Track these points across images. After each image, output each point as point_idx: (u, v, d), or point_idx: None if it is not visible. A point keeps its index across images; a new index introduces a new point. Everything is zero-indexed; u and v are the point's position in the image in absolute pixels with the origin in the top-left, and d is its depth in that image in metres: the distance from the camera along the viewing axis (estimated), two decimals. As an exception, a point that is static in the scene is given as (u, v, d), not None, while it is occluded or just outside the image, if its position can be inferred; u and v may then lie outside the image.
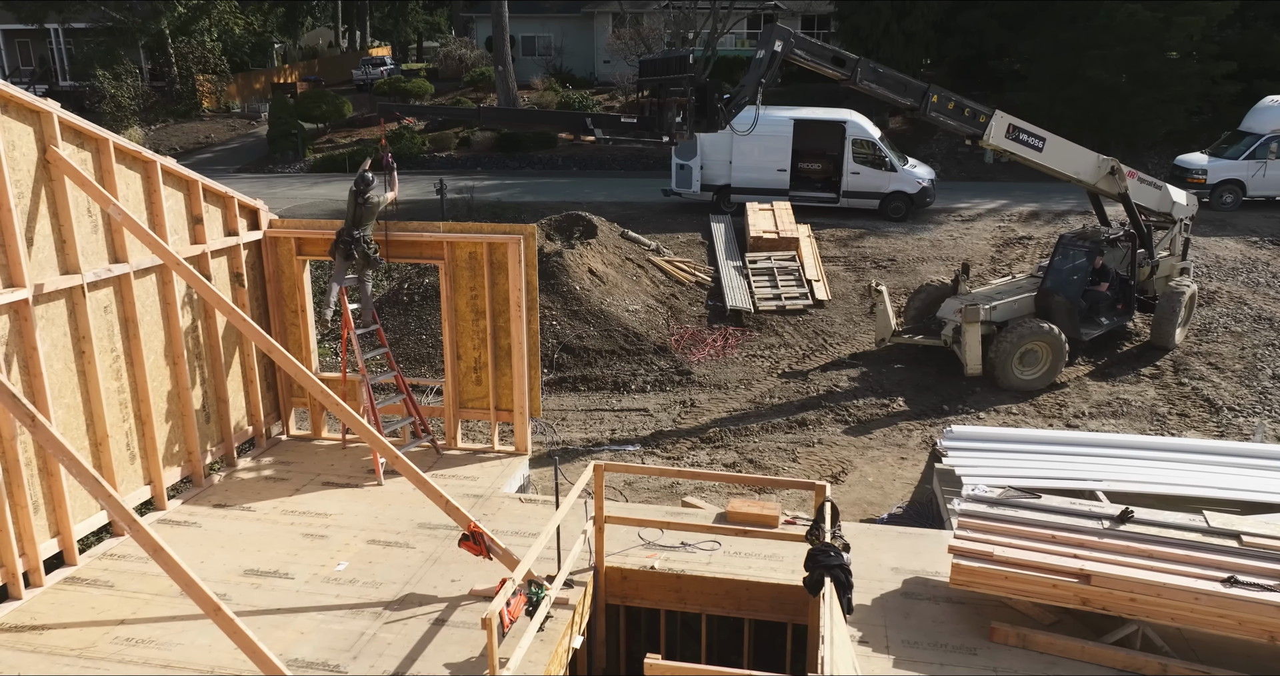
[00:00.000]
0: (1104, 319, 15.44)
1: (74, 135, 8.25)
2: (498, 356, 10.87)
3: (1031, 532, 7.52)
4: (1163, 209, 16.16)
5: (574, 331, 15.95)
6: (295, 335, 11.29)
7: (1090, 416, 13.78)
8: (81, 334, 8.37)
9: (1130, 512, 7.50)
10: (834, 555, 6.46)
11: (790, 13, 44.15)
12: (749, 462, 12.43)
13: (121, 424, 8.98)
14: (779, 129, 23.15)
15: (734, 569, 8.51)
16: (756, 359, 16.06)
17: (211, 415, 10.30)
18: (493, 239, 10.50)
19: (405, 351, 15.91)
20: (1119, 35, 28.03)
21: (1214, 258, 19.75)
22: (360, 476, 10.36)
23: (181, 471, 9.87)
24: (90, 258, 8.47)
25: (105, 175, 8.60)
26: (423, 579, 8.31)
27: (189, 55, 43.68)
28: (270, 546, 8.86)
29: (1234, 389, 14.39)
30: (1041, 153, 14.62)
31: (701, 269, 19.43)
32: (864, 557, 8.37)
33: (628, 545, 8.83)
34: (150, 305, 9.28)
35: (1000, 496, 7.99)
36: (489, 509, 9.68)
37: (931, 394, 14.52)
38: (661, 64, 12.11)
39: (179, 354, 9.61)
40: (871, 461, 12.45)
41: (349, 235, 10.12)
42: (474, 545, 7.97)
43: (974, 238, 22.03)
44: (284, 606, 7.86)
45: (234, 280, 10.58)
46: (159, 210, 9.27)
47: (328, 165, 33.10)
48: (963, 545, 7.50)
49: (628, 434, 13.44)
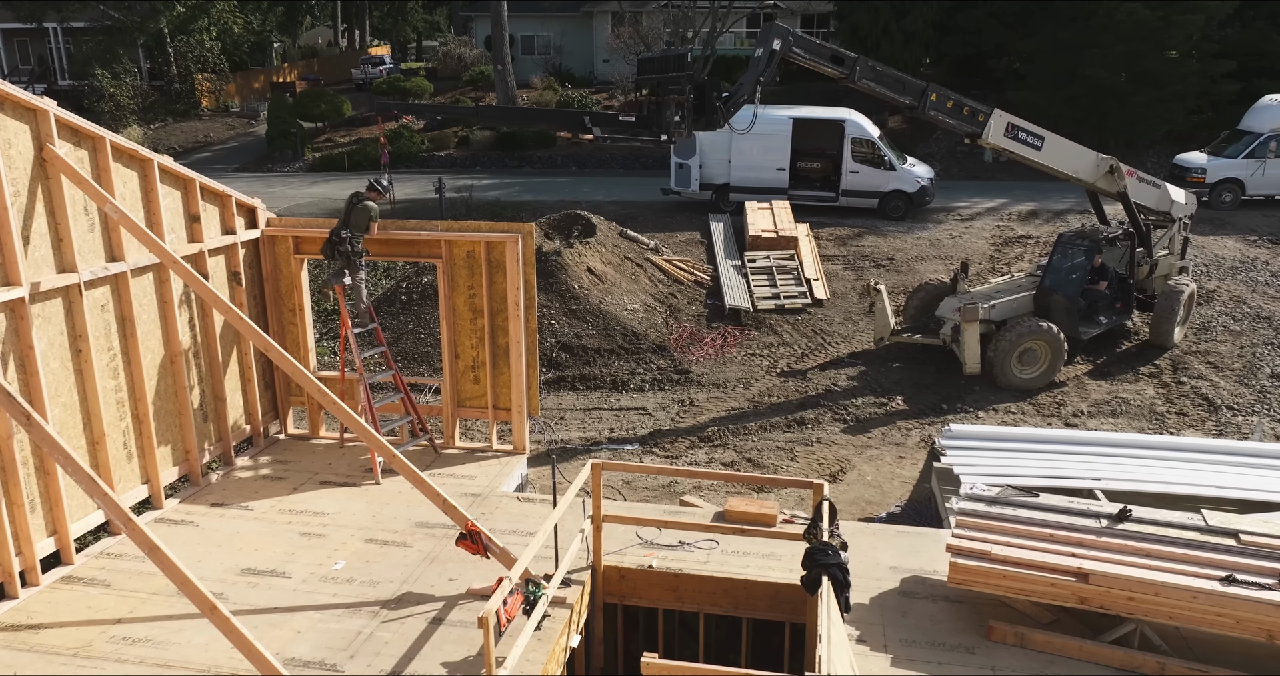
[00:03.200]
0: (1103, 318, 15.43)
1: (71, 133, 8.23)
2: (496, 355, 10.85)
3: (1030, 531, 7.51)
4: (1161, 208, 16.15)
5: (573, 330, 15.93)
6: (293, 334, 11.28)
7: (1089, 415, 13.76)
8: (78, 332, 8.36)
9: (1128, 511, 7.49)
10: (832, 554, 6.45)
11: (789, 12, 44.10)
12: (747, 461, 12.41)
13: (119, 423, 8.96)
14: (778, 128, 23.13)
15: (732, 568, 8.49)
16: (755, 358, 16.05)
17: (209, 414, 10.28)
18: (490, 238, 10.48)
19: (404, 350, 15.90)
20: (1118, 34, 28.01)
21: (1213, 256, 19.74)
22: (358, 475, 10.35)
23: (179, 470, 9.85)
24: (87, 256, 8.45)
25: (102, 173, 8.58)
26: (420, 577, 8.30)
27: (188, 54, 43.66)
28: (267, 545, 8.85)
29: (1233, 388, 14.37)
30: (1040, 151, 14.61)
31: (700, 268, 19.42)
32: (862, 556, 8.36)
33: (625, 544, 8.82)
34: (147, 304, 9.26)
35: (998, 495, 7.98)
36: (487, 507, 9.67)
37: (930, 393, 14.51)
38: (660, 62, 12.09)
39: (176, 353, 9.59)
40: (870, 460, 12.44)
41: (336, 235, 10.14)
42: (471, 544, 7.96)
43: (973, 236, 22.02)
44: (281, 605, 7.85)
45: (231, 279, 10.56)
46: (156, 209, 9.25)
47: (327, 164, 33.09)
48: (961, 544, 7.49)
49: (626, 433, 13.43)
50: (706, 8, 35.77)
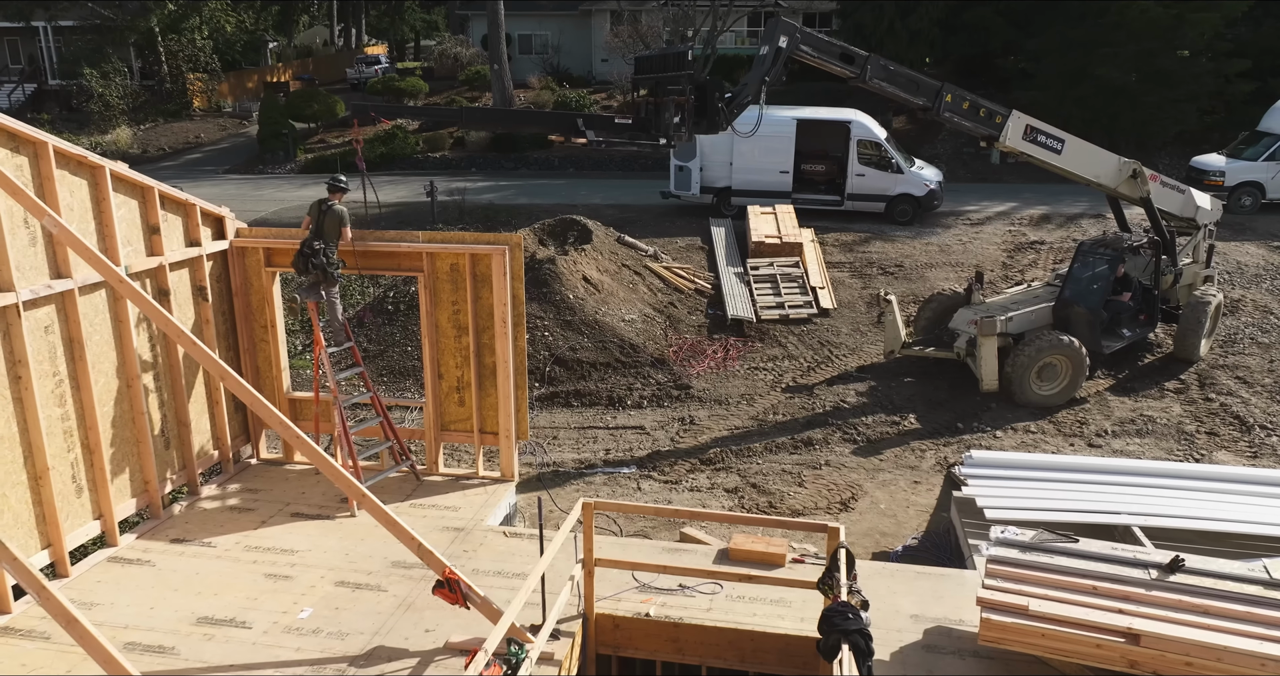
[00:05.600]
0: (1126, 330, 14.61)
1: (7, 138, 7.46)
2: (482, 375, 10.09)
3: (1070, 583, 6.74)
4: (1186, 214, 15.38)
5: (567, 342, 15.16)
6: (265, 351, 10.51)
7: (1113, 435, 12.98)
8: (17, 357, 7.58)
9: (1181, 561, 6.72)
10: (852, 617, 5.68)
11: (792, 9, 43.32)
12: (752, 487, 11.63)
13: (66, 454, 8.19)
14: (781, 129, 22.35)
15: (737, 615, 7.73)
16: (759, 371, 15.27)
17: (172, 440, 9.51)
18: (476, 250, 9.72)
19: (389, 364, 15.12)
20: (1130, 33, 27.23)
21: (1235, 263, 18.96)
22: (332, 506, 9.59)
23: (138, 503, 9.07)
24: (28, 273, 7.69)
25: (45, 182, 7.82)
26: (394, 628, 7.53)
27: (179, 53, 42.86)
28: (229, 589, 8.08)
29: (1265, 405, 13.59)
30: (1061, 155, 13.86)
31: (701, 275, 18.64)
32: (880, 602, 7.58)
33: (620, 587, 8.06)
34: (99, 323, 8.48)
35: (1033, 539, 7.20)
36: (470, 544, 8.90)
37: (944, 410, 13.73)
38: (658, 61, 11.31)
39: (133, 375, 8.82)
40: (883, 486, 11.66)
41: (309, 247, 9.35)
42: (449, 593, 7.19)
43: (984, 242, 21.24)
44: (237, 662, 7.08)
45: (197, 294, 9.79)
46: (109, 220, 8.48)
47: (319, 166, 32.29)
48: (993, 597, 6.72)
49: (623, 454, 12.65)
50: (707, 6, 34.99)
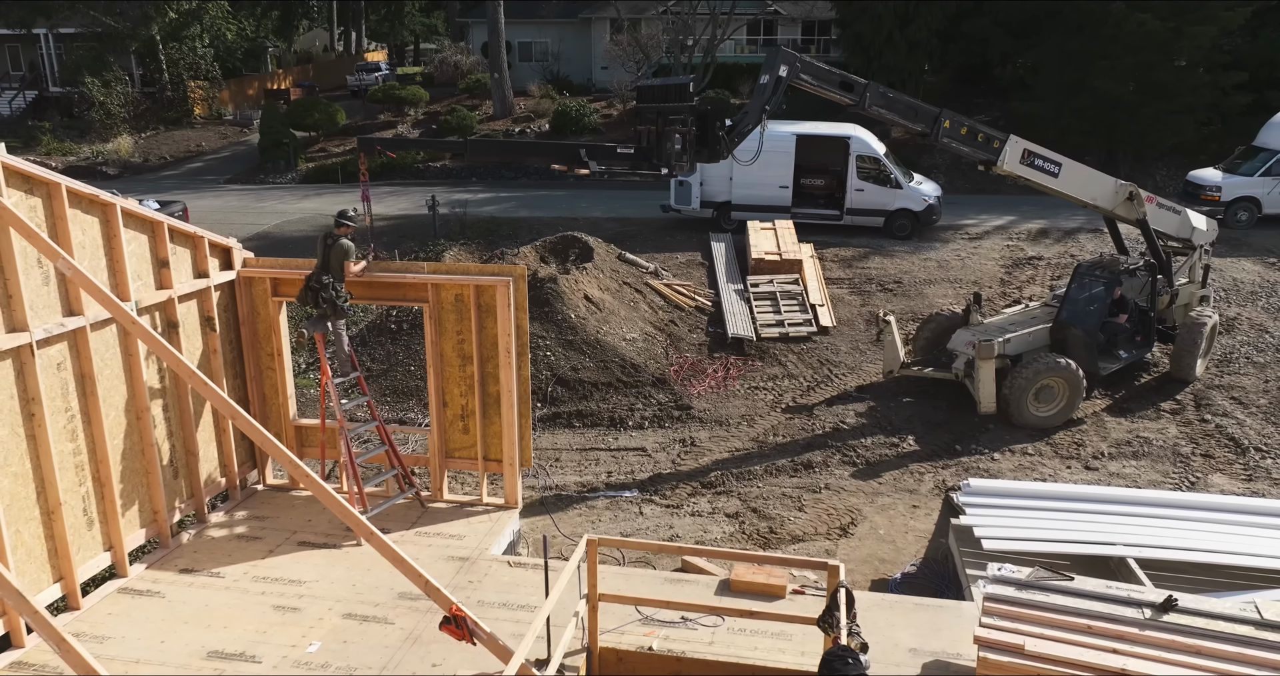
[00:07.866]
0: (1123, 352, 14.76)
1: (21, 181, 7.59)
2: (486, 404, 10.22)
3: (1065, 622, 6.87)
4: (1182, 235, 15.51)
5: (569, 362, 15.28)
6: (271, 379, 10.65)
7: (1110, 456, 13.12)
8: (30, 395, 7.71)
9: (1174, 601, 6.85)
10: (853, 663, 5.78)
11: (790, 18, 43.52)
12: (752, 511, 11.76)
13: (78, 488, 8.32)
14: (781, 144, 22.40)
15: (738, 649, 7.87)
16: (759, 391, 15.40)
17: (180, 470, 9.64)
18: (480, 281, 9.85)
19: (393, 384, 15.25)
20: (1128, 45, 27.34)
21: (1231, 280, 19.09)
22: (339, 534, 9.71)
23: (147, 533, 9.21)
24: (41, 312, 7.81)
25: (58, 222, 7.95)
26: (401, 662, 7.67)
27: (180, 61, 42.95)
28: (238, 621, 8.21)
29: (1259, 426, 13.73)
30: (1058, 178, 13.99)
31: (701, 293, 18.77)
32: (878, 636, 7.71)
33: (624, 619, 8.19)
34: (110, 358, 8.61)
35: (1029, 577, 7.34)
36: (475, 574, 9.03)
37: (943, 431, 13.86)
38: (660, 91, 11.44)
39: (143, 408, 8.95)
40: (882, 510, 11.79)
41: (316, 281, 9.48)
42: (456, 629, 7.29)
43: (982, 257, 21.37)
44: (248, 698, 7.22)
45: (205, 324, 9.92)
46: (120, 256, 8.62)
47: (320, 176, 32.45)
48: (990, 636, 6.85)
49: (625, 477, 12.78)
50: (706, 15, 35.16)
